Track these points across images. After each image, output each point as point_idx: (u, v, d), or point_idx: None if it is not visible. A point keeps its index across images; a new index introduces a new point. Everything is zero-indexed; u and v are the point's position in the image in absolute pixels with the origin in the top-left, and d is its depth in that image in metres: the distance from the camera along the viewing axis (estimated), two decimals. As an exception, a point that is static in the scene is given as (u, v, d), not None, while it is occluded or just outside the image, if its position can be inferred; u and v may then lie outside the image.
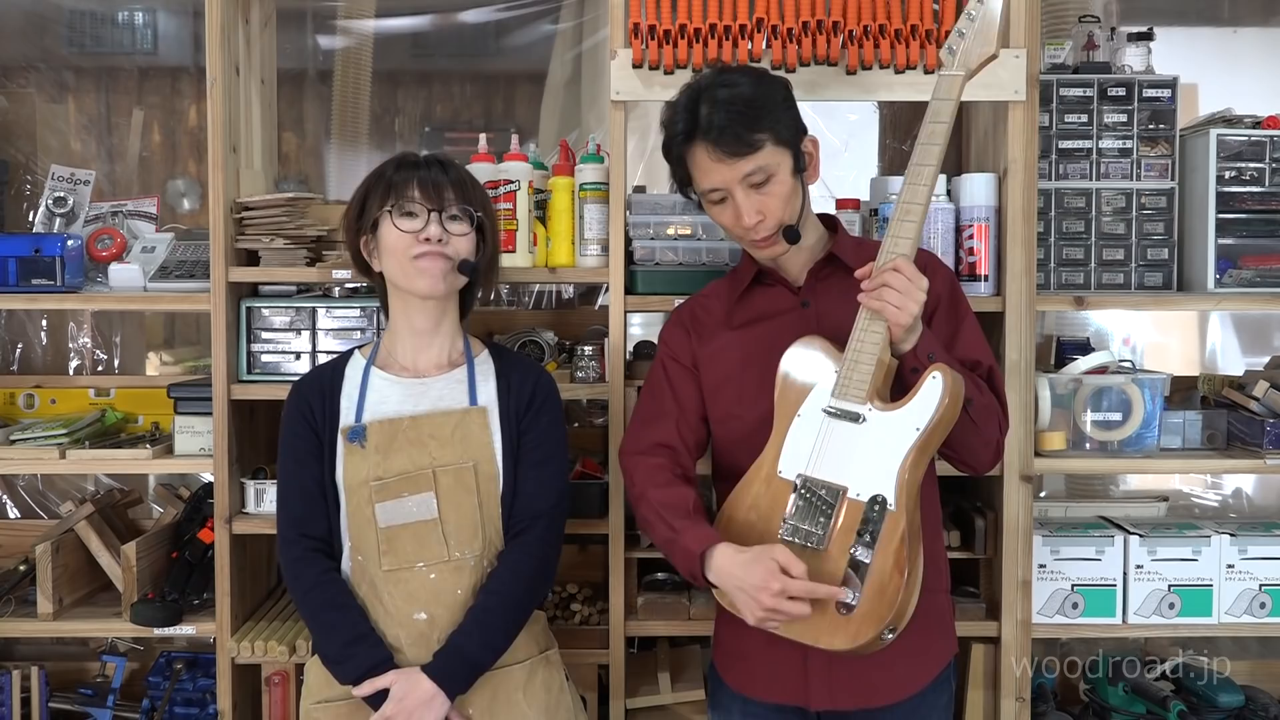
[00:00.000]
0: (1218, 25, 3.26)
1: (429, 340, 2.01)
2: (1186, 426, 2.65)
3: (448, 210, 1.93)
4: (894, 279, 1.73)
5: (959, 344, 1.91)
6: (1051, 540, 2.63)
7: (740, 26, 2.38)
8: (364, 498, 1.92)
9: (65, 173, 2.87)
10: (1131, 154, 2.64)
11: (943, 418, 1.72)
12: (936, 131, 1.83)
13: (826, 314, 1.91)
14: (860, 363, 1.76)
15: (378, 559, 1.91)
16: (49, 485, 3.18)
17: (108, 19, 3.19)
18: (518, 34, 3.20)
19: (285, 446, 2.01)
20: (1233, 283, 2.60)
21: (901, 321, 1.73)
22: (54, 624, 2.66)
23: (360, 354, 2.05)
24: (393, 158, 2.01)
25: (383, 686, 1.85)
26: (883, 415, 1.75)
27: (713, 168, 1.83)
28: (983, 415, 1.82)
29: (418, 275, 1.92)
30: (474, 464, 1.94)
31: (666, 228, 2.53)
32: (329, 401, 1.99)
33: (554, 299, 3.18)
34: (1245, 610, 2.63)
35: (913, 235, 1.79)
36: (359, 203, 1.98)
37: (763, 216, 1.84)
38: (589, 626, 2.65)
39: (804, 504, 1.77)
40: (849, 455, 1.76)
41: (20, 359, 3.18)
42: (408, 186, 1.92)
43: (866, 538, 1.72)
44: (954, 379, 1.73)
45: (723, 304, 2.01)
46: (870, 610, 1.70)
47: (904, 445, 1.73)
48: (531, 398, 2.01)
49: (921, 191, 1.80)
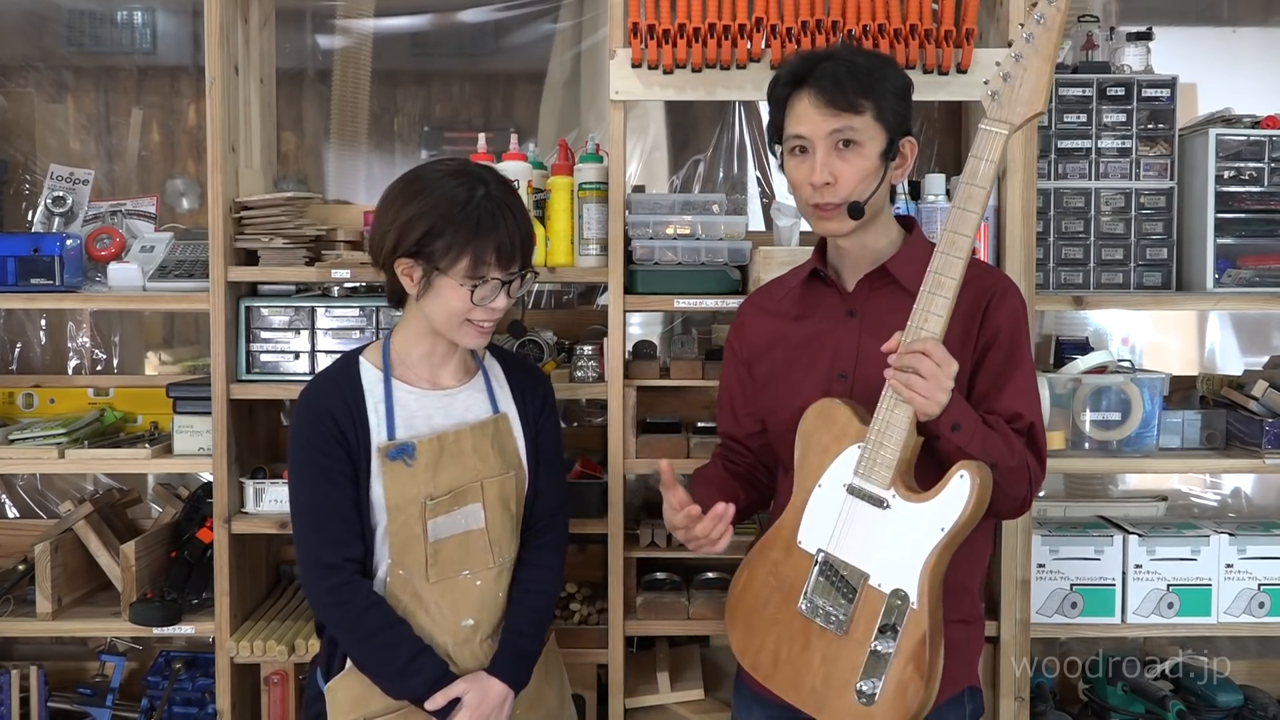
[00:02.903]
0: (1217, 25, 3.26)
1: (449, 355, 2.00)
2: (1185, 426, 2.65)
3: (513, 277, 1.88)
4: (923, 365, 1.65)
5: (1005, 393, 1.80)
6: (1050, 540, 2.64)
7: (740, 26, 2.38)
8: (413, 515, 1.91)
9: (64, 172, 2.87)
10: (1130, 154, 2.64)
11: (969, 519, 1.66)
12: (974, 196, 1.68)
13: (872, 326, 1.84)
14: (885, 445, 1.69)
15: (424, 571, 1.92)
16: (48, 485, 3.17)
17: (107, 18, 3.19)
18: (517, 33, 3.19)
19: (311, 466, 1.91)
20: (1231, 282, 2.60)
21: (928, 411, 1.66)
22: (53, 623, 2.66)
23: (367, 361, 1.97)
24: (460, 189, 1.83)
25: (455, 695, 1.88)
26: (907, 506, 1.69)
27: (808, 113, 1.79)
28: (1010, 478, 1.73)
29: (467, 336, 1.91)
30: (513, 473, 1.99)
31: (665, 227, 2.53)
32: (357, 419, 1.92)
33: (553, 298, 3.17)
34: (1244, 610, 2.63)
35: (945, 312, 1.67)
36: (419, 233, 1.82)
37: (834, 181, 1.78)
38: (588, 626, 2.65)
39: (825, 583, 1.74)
40: (871, 541, 1.71)
41: (19, 358, 3.17)
42: (486, 251, 1.82)
43: (889, 632, 1.68)
44: (982, 479, 1.65)
45: (784, 292, 1.98)
46: (890, 708, 1.67)
47: (928, 544, 1.67)
48: (543, 402, 2.06)
49: (957, 265, 1.67)
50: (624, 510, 2.53)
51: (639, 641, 2.81)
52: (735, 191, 3.13)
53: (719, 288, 2.52)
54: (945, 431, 1.69)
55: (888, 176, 1.82)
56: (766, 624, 1.79)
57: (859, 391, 1.82)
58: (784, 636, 1.77)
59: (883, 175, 1.81)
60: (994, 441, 1.72)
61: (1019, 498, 1.78)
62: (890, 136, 1.80)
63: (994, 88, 1.69)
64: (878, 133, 1.80)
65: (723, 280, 2.52)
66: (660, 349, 2.93)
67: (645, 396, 2.66)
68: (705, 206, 2.57)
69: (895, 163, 1.83)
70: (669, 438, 2.60)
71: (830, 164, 1.78)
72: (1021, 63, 1.67)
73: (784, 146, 1.87)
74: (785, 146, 1.86)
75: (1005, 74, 1.68)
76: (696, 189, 3.17)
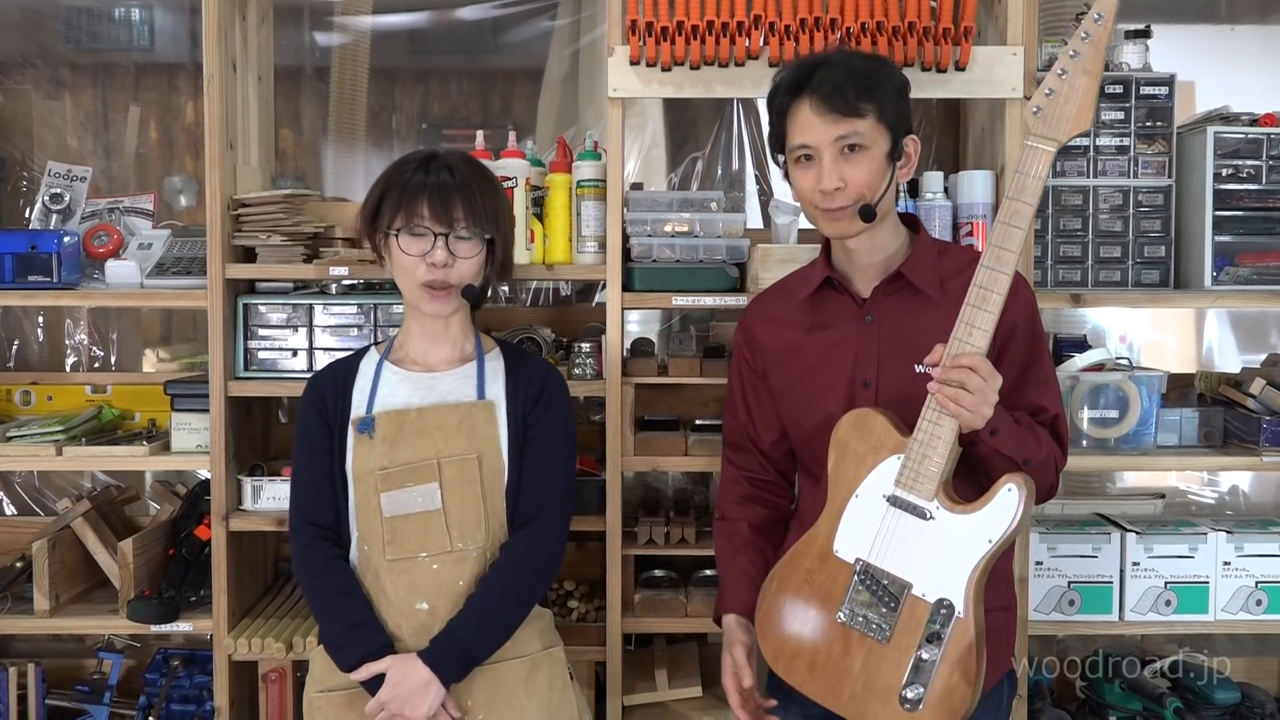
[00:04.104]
0: (1215, 22, 3.26)
1: (440, 338, 2.03)
2: (1183, 424, 2.65)
3: (456, 231, 1.92)
4: (970, 380, 1.65)
5: (1028, 386, 1.84)
6: (1048, 537, 2.64)
7: (738, 23, 2.38)
8: (370, 487, 1.94)
9: (62, 169, 2.87)
10: (1129, 151, 2.64)
11: (1017, 530, 1.67)
12: (1020, 212, 1.68)
13: (889, 332, 1.86)
14: (929, 457, 1.69)
15: (382, 548, 1.93)
16: (45, 482, 3.17)
17: (104, 15, 3.18)
18: (515, 31, 3.19)
19: (299, 437, 2.03)
20: (1229, 280, 2.60)
21: (974, 425, 1.67)
22: (51, 621, 2.66)
23: (376, 350, 2.08)
24: (412, 156, 1.98)
25: (379, 671, 1.87)
26: (952, 517, 1.69)
27: (811, 122, 1.80)
28: (1040, 471, 1.77)
29: (422, 301, 1.95)
30: (478, 456, 1.96)
31: (664, 225, 2.53)
32: (341, 394, 2.02)
33: (551, 296, 3.17)
34: (1241, 607, 2.64)
35: (990, 327, 1.67)
36: (374, 202, 1.97)
37: (844, 185, 1.79)
38: (586, 624, 2.66)
39: (865, 591, 1.74)
40: (915, 551, 1.71)
41: (17, 355, 3.17)
42: (418, 202, 1.91)
43: (935, 640, 1.68)
44: (1029, 490, 1.67)
45: (795, 301, 1.97)
46: (935, 713, 1.68)
47: (975, 555, 1.67)
48: (540, 393, 2.03)
49: (1003, 280, 1.67)
50: (622, 508, 2.53)
51: (637, 639, 2.81)
52: (733, 189, 3.13)
53: (717, 285, 2.52)
54: (984, 436, 1.70)
55: (894, 177, 1.83)
56: (801, 632, 1.79)
57: (884, 398, 1.83)
58: (821, 644, 1.77)
59: (890, 176, 1.82)
60: (1027, 439, 1.75)
61: (1047, 486, 1.83)
62: (894, 137, 1.82)
63: (1038, 103, 1.68)
64: (881, 135, 1.81)
65: (721, 278, 2.53)
66: (658, 346, 2.93)
67: (643, 394, 2.66)
68: (703, 204, 2.57)
69: (901, 162, 1.85)
70: (667, 435, 2.60)
71: (838, 169, 1.80)
72: (1066, 79, 1.66)
73: (788, 156, 1.87)
74: (790, 156, 1.87)
75: (1050, 90, 1.67)
76: (695, 186, 3.17)
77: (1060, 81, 1.67)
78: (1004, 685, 1.93)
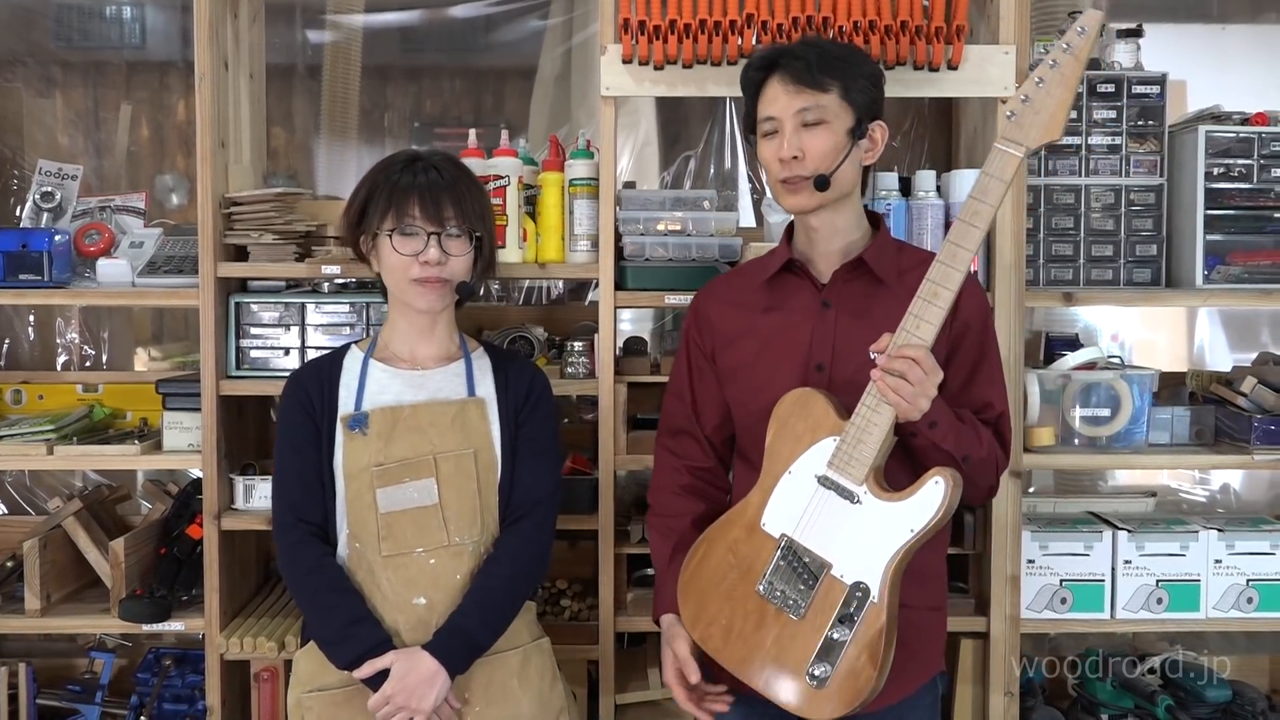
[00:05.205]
0: (1206, 22, 3.27)
1: (428, 336, 2.04)
2: (1175, 422, 2.66)
3: (447, 230, 1.94)
4: (912, 371, 1.67)
5: (975, 383, 1.87)
6: (1040, 536, 2.64)
7: (730, 22, 2.38)
8: (365, 484, 1.95)
9: (53, 167, 2.86)
10: (1120, 150, 2.65)
11: (939, 523, 1.69)
12: (980, 212, 1.70)
13: (846, 318, 1.87)
14: (864, 442, 1.72)
15: (377, 545, 1.94)
16: (36, 481, 3.16)
17: (95, 13, 3.17)
18: (507, 29, 3.19)
19: (282, 434, 2.02)
20: (1221, 279, 2.61)
21: (910, 416, 1.69)
22: (42, 620, 2.65)
23: (357, 348, 2.07)
24: (396, 157, 2.00)
25: (383, 666, 1.87)
26: (878, 504, 1.71)
27: (776, 96, 1.84)
28: (979, 469, 1.80)
29: (416, 297, 1.96)
30: (474, 451, 1.98)
31: (656, 223, 2.53)
32: (327, 391, 2.01)
33: (544, 295, 3.17)
34: (1232, 605, 2.64)
35: (938, 321, 1.69)
36: (360, 205, 1.98)
37: (801, 155, 1.81)
38: (579, 622, 2.66)
39: (786, 567, 1.76)
40: (837, 532, 1.73)
41: (7, 354, 3.16)
42: (408, 203, 1.93)
43: (847, 621, 1.71)
44: (955, 484, 1.69)
45: (753, 285, 1.98)
46: (839, 692, 1.70)
47: (896, 542, 1.70)
48: (528, 393, 2.05)
49: (955, 276, 1.69)
50: (614, 506, 2.53)
51: (629, 638, 2.81)
52: (726, 187, 3.13)
53: (710, 284, 2.52)
54: (922, 429, 1.72)
55: (854, 154, 1.85)
56: (721, 599, 1.81)
57: (836, 383, 1.84)
58: (738, 613, 1.79)
59: (848, 151, 1.84)
60: (966, 435, 1.77)
61: (986, 487, 1.86)
62: (858, 116, 1.84)
63: (1012, 108, 1.70)
64: (844, 110, 1.84)
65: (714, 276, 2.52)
66: (651, 345, 2.93)
67: (636, 393, 2.65)
68: (696, 202, 2.57)
69: (866, 145, 1.87)
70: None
71: (797, 139, 1.82)
72: (1043, 88, 1.68)
73: (758, 133, 1.90)
74: (759, 132, 1.89)
75: (1025, 96, 1.69)
76: (687, 185, 3.17)
77: (1037, 90, 1.68)
78: (937, 683, 1.96)
